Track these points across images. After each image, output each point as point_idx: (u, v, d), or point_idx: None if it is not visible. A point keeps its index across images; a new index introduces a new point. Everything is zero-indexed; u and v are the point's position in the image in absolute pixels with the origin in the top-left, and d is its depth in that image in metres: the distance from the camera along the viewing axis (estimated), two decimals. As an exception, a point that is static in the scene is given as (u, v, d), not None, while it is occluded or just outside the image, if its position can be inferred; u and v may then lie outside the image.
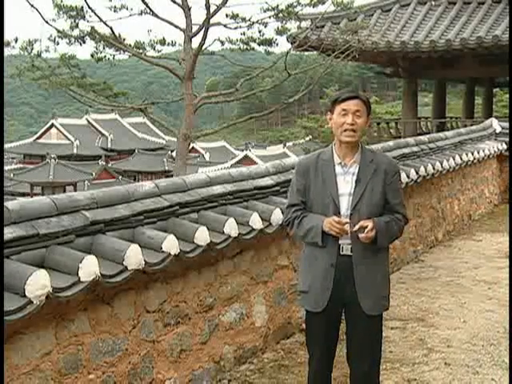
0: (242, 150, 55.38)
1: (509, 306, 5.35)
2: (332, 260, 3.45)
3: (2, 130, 5.04)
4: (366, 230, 3.34)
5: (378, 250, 3.49)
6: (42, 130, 61.99)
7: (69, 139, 59.14)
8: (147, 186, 4.25)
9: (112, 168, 52.74)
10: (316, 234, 3.44)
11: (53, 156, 48.88)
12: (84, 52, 15.56)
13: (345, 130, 3.41)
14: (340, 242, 3.44)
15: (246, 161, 46.67)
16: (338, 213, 3.43)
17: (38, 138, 61.33)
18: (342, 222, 3.36)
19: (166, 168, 49.77)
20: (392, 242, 3.65)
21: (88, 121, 62.82)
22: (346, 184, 3.46)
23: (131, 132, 62.95)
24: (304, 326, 5.46)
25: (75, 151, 57.66)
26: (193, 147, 51.12)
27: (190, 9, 13.53)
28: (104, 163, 51.87)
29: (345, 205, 3.44)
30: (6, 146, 61.03)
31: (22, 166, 55.48)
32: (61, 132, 60.48)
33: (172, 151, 47.86)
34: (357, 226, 3.36)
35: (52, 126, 61.32)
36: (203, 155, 58.09)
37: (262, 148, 61.17)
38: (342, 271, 3.44)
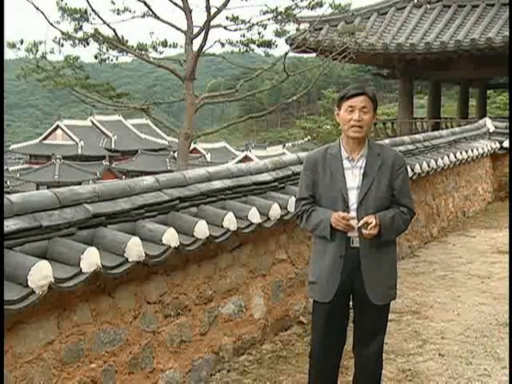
0: (243, 151, 55.35)
1: (509, 302, 5.34)
2: (341, 252, 3.45)
3: (2, 130, 5.02)
4: (368, 227, 3.34)
5: (386, 242, 3.48)
6: (48, 131, 62.03)
7: (74, 140, 59.16)
8: (148, 180, 4.24)
9: (115, 168, 52.75)
10: (325, 228, 3.44)
11: (58, 156, 48.92)
12: (88, 55, 15.51)
13: (352, 126, 3.41)
14: (349, 234, 3.44)
15: (246, 161, 46.65)
16: (346, 206, 3.43)
17: (44, 138, 61.36)
18: (347, 218, 3.36)
19: (169, 168, 49.72)
20: (398, 235, 3.62)
21: (92, 122, 62.83)
22: (353, 178, 3.46)
23: (134, 133, 62.97)
24: (302, 318, 5.49)
25: (80, 152, 57.66)
26: (194, 148, 51.16)
27: (191, 11, 13.52)
28: (108, 163, 51.89)
29: (353, 198, 3.44)
30: (13, 146, 61.15)
31: (28, 166, 55.51)
32: (66, 133, 60.50)
33: (174, 152, 47.86)
34: (361, 222, 3.36)
35: (57, 127, 61.35)
36: (204, 155, 58.05)
37: (262, 148, 61.07)
38: (350, 263, 3.44)
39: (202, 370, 4.37)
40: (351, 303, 3.63)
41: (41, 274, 3.03)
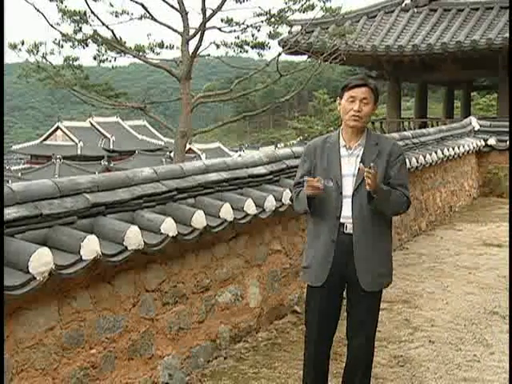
0: (236, 151, 55.29)
1: (509, 294, 5.32)
2: (333, 237, 3.39)
3: (2, 130, 4.95)
4: (366, 170, 3.19)
5: (379, 229, 3.41)
6: (48, 132, 61.73)
7: (73, 141, 58.89)
8: (146, 171, 4.17)
9: (114, 168, 52.51)
10: (303, 201, 3.41)
11: (58, 156, 48.70)
12: (87, 59, 15.36)
13: (351, 116, 3.38)
14: (342, 220, 3.38)
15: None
16: (340, 193, 3.38)
17: (45, 139, 61.06)
18: (311, 180, 3.29)
19: (165, 167, 49.50)
20: (392, 213, 3.50)
21: (91, 123, 62.53)
22: (349, 165, 3.41)
23: (132, 134, 62.71)
24: (296, 308, 5.44)
25: (79, 152, 57.42)
26: (190, 148, 50.96)
27: (187, 13, 13.43)
28: (106, 163, 51.67)
29: (347, 185, 3.38)
30: (15, 147, 60.89)
31: (29, 165, 55.20)
32: (66, 134, 60.21)
33: (170, 152, 47.74)
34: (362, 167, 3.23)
35: (57, 128, 61.05)
36: (199, 155, 57.92)
37: (255, 149, 60.99)
38: (342, 248, 3.38)
39: (200, 356, 4.32)
40: (345, 293, 3.57)
41: (41, 260, 2.97)
